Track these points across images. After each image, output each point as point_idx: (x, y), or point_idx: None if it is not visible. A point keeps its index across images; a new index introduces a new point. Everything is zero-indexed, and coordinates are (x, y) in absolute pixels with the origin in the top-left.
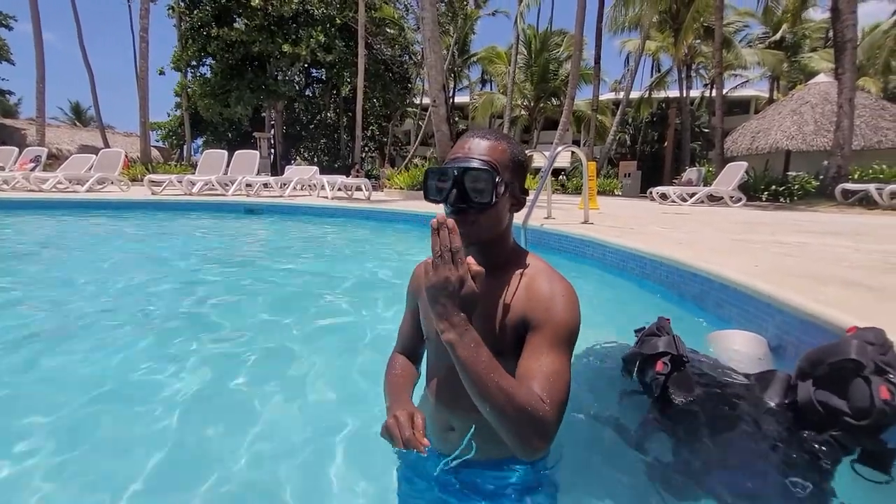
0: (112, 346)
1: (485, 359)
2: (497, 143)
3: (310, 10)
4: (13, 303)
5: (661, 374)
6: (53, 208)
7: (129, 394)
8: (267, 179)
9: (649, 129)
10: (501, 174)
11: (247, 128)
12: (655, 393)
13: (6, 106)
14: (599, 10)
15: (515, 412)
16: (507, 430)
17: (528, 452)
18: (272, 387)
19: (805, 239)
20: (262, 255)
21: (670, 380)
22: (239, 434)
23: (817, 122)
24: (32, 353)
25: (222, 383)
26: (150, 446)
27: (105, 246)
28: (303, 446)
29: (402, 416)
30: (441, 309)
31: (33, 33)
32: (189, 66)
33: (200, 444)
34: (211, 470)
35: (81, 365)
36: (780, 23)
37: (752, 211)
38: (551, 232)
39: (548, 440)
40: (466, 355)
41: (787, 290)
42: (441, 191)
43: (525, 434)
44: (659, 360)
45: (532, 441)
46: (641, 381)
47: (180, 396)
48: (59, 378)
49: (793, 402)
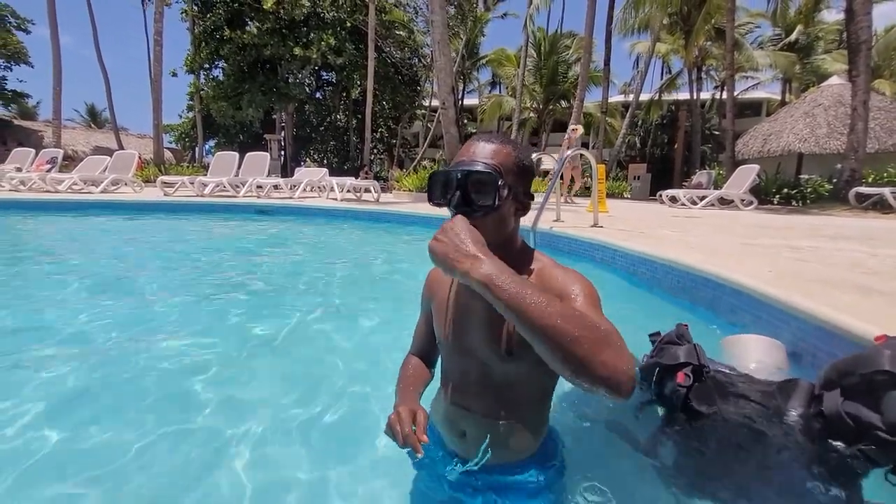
0: (129, 343)
1: (528, 285)
2: (501, 147)
3: (321, 13)
4: (30, 300)
5: (683, 385)
6: (69, 209)
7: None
8: (277, 181)
9: (659, 131)
10: (505, 177)
11: (258, 130)
12: (676, 405)
13: (24, 108)
14: (609, 13)
15: (587, 330)
16: (584, 358)
17: (618, 384)
18: (283, 387)
19: (819, 243)
20: (272, 256)
21: (692, 392)
22: (247, 431)
23: (830, 124)
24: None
25: (229, 377)
26: (176, 446)
27: (116, 245)
28: (315, 446)
29: (403, 413)
30: (454, 251)
31: (51, 37)
32: (202, 69)
33: (221, 440)
34: (229, 465)
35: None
36: (793, 24)
37: (764, 214)
38: (560, 235)
39: (632, 367)
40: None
41: (801, 295)
42: (445, 194)
43: (609, 357)
44: (680, 371)
45: (619, 365)
46: (660, 392)
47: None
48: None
49: (818, 413)
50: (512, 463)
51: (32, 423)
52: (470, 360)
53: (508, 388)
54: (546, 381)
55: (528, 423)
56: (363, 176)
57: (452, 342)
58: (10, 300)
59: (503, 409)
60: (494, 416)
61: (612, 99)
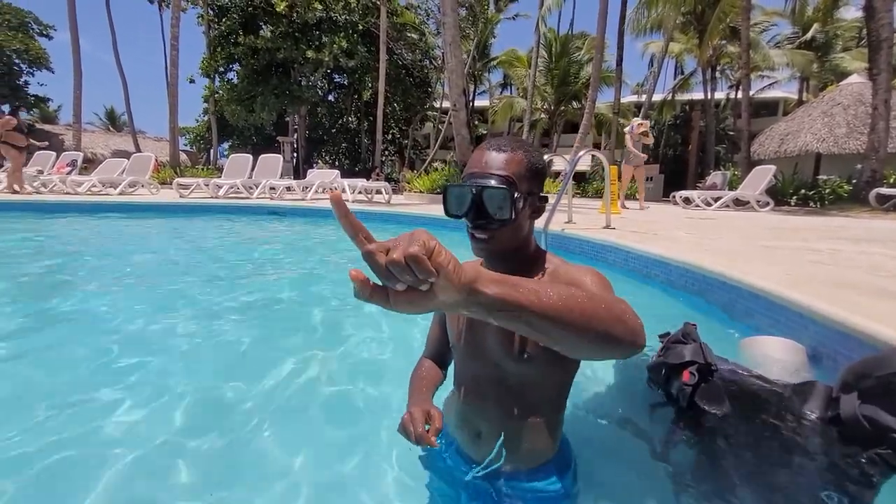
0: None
1: (532, 285)
2: (513, 155)
3: (333, 16)
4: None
5: (688, 384)
6: (88, 211)
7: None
8: (290, 183)
9: (672, 131)
10: (519, 187)
11: (271, 132)
12: (683, 404)
13: (46, 112)
14: (622, 13)
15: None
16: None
17: (631, 348)
18: (299, 389)
19: (838, 246)
20: (283, 256)
21: (698, 391)
22: (267, 432)
23: (850, 124)
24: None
25: (245, 378)
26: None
27: (135, 246)
28: (329, 447)
29: (416, 413)
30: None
31: (71, 44)
32: (216, 73)
33: (231, 437)
34: (251, 466)
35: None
36: (811, 22)
37: (781, 216)
38: (572, 237)
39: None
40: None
41: (820, 299)
42: (461, 207)
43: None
44: (685, 369)
45: (636, 329)
46: (667, 391)
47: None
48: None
49: (835, 417)
50: (532, 469)
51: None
52: (484, 363)
53: (523, 388)
54: (561, 380)
55: (544, 423)
56: (374, 177)
57: (465, 346)
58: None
59: (518, 409)
60: (509, 415)
61: (624, 99)
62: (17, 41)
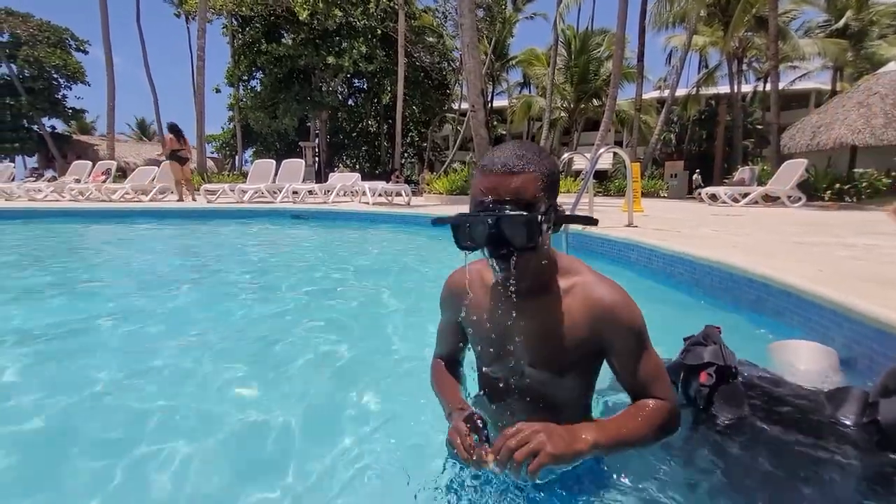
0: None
1: (623, 432)
2: (528, 174)
3: (352, 22)
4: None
5: (706, 385)
6: (122, 217)
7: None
8: (312, 186)
9: (697, 127)
10: (538, 207)
11: (293, 138)
12: (700, 406)
13: (82, 124)
14: (643, 7)
15: (661, 432)
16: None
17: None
18: (321, 391)
19: (875, 241)
20: (308, 258)
21: (717, 393)
22: (300, 437)
23: (888, 114)
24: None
25: (276, 386)
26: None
27: (168, 249)
28: (352, 446)
29: (462, 428)
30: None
31: (104, 58)
32: (241, 81)
33: (264, 450)
34: (284, 466)
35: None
36: (844, 9)
37: (814, 211)
38: (593, 236)
39: (679, 421)
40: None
41: (855, 296)
42: (477, 239)
43: (670, 432)
44: (703, 370)
45: (673, 430)
46: (686, 393)
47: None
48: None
49: (872, 422)
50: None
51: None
52: (511, 371)
53: (552, 396)
54: (586, 381)
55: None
56: (394, 180)
57: (493, 353)
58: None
59: (546, 413)
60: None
61: (646, 95)
62: (56, 57)
